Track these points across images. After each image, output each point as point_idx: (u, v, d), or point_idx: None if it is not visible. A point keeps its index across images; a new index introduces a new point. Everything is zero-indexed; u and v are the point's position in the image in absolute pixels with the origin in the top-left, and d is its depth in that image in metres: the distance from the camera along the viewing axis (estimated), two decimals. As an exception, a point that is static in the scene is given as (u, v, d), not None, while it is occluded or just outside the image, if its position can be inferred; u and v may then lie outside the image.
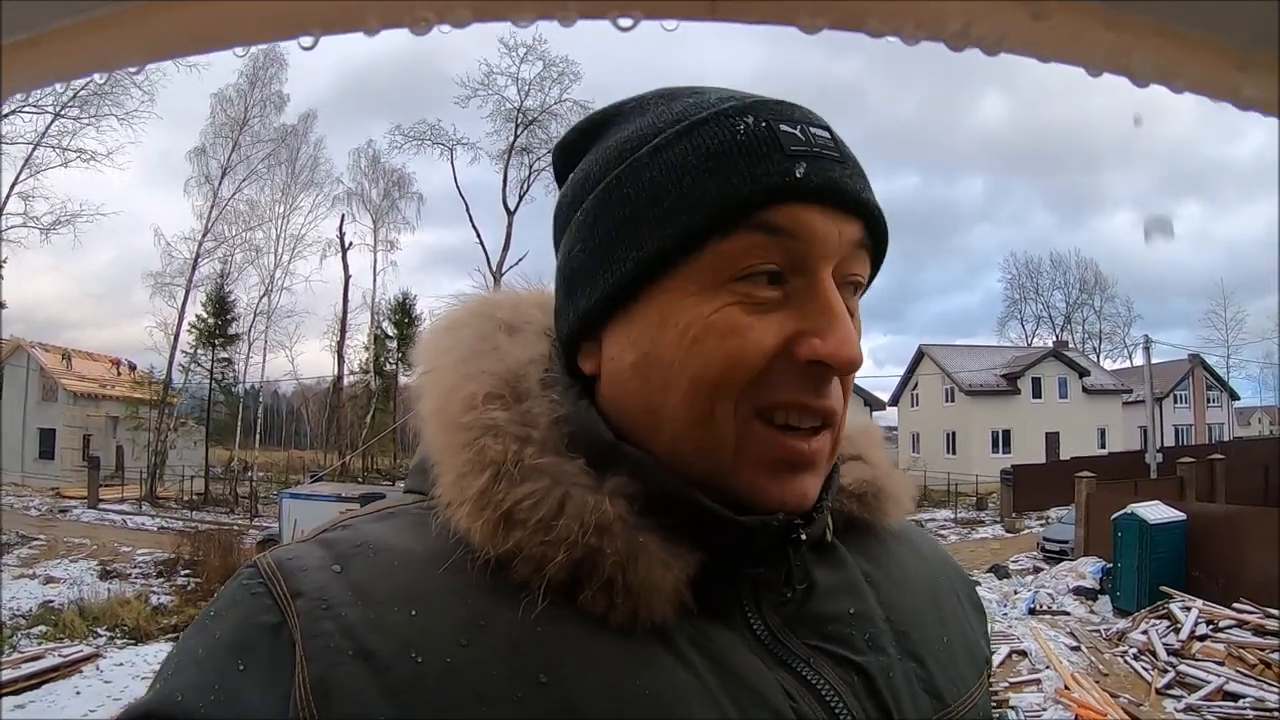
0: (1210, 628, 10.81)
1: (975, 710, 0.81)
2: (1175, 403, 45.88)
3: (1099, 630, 12.08)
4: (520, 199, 39.28)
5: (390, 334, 43.15)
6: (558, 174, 0.84)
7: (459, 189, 41.51)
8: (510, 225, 39.18)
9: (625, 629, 0.65)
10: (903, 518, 0.89)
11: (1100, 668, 10.46)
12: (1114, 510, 14.42)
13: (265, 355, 39.36)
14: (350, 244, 41.32)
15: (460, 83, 38.73)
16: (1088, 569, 15.46)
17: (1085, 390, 42.74)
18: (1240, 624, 10.75)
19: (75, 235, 34.18)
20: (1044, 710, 9.17)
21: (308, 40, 0.33)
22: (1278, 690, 9.12)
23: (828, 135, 0.71)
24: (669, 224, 0.68)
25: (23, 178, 32.42)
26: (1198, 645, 10.43)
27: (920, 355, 46.27)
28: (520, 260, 35.51)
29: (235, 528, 23.98)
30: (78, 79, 0.39)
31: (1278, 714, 8.80)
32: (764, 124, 0.69)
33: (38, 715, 10.07)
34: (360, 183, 41.92)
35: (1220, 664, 9.88)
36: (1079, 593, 14.65)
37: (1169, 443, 38.93)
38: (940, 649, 0.80)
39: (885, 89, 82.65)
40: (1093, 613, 13.75)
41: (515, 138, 39.22)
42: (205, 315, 37.68)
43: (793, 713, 0.67)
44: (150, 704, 0.62)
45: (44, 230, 33.23)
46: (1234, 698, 9.19)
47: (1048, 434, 40.58)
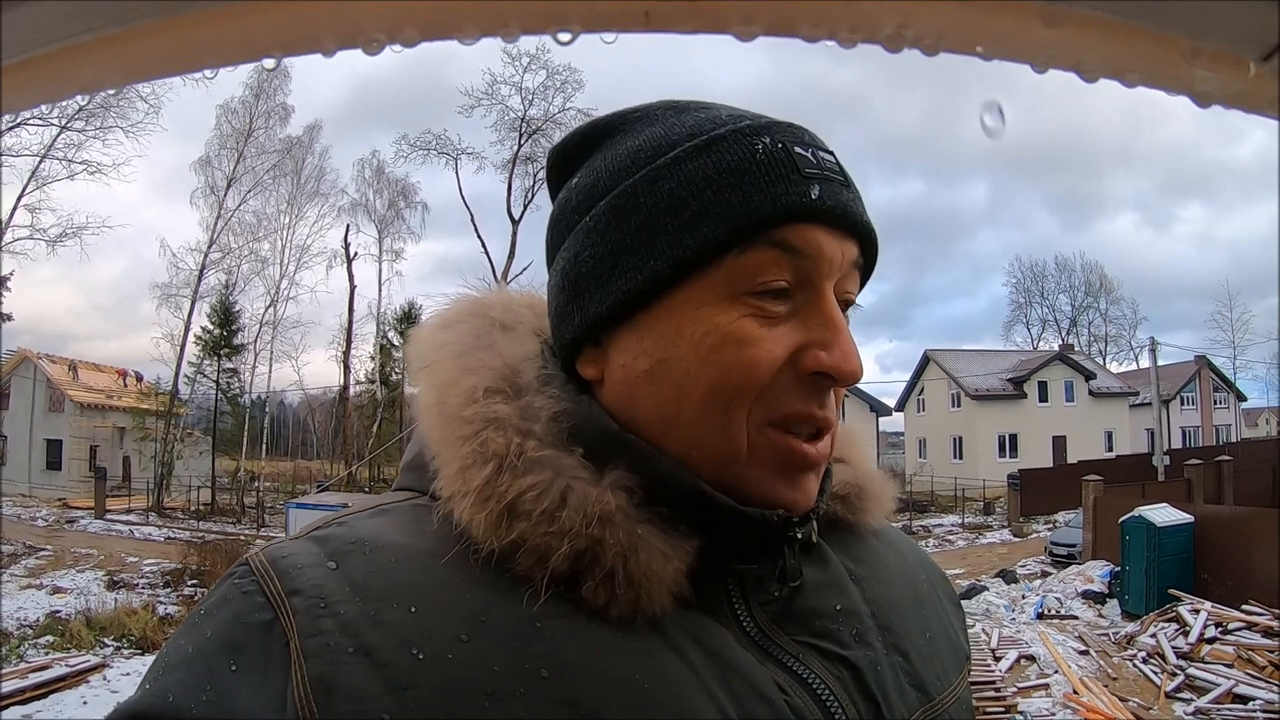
0: (1219, 630, 10.74)
1: (959, 704, 0.82)
2: (1182, 405, 45.63)
3: (1107, 634, 12.00)
4: (525, 208, 39.23)
5: (396, 344, 43.00)
6: (555, 178, 0.84)
7: (464, 198, 41.56)
8: (515, 234, 39.17)
9: (625, 620, 0.66)
10: (883, 517, 0.90)
11: (1109, 671, 10.39)
12: (1121, 513, 14.34)
13: (271, 366, 39.39)
14: (355, 254, 41.37)
15: (464, 92, 38.79)
16: (1096, 573, 15.37)
17: (1091, 393, 42.56)
18: (1249, 626, 10.67)
19: (82, 247, 34.44)
20: (1053, 715, 9.11)
21: (270, 62, 0.35)
22: (1287, 693, 9.07)
23: (833, 159, 0.74)
24: (688, 235, 0.69)
25: (29, 190, 32.56)
26: (1207, 648, 10.35)
27: (926, 360, 46.24)
28: (525, 269, 35.41)
29: (242, 538, 23.90)
30: (62, 100, 0.40)
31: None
32: (780, 145, 0.72)
33: (45, 726, 10.09)
34: (365, 193, 41.93)
35: (1230, 666, 9.80)
36: (1087, 596, 14.56)
37: (1176, 445, 38.82)
38: (924, 644, 0.82)
39: (888, 96, 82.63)
40: (1101, 616, 13.67)
41: (519, 147, 39.18)
42: (211, 326, 37.72)
43: (786, 706, 0.68)
44: (141, 703, 0.63)
45: (50, 243, 33.40)
46: (1244, 700, 9.12)
47: (1054, 438, 40.43)
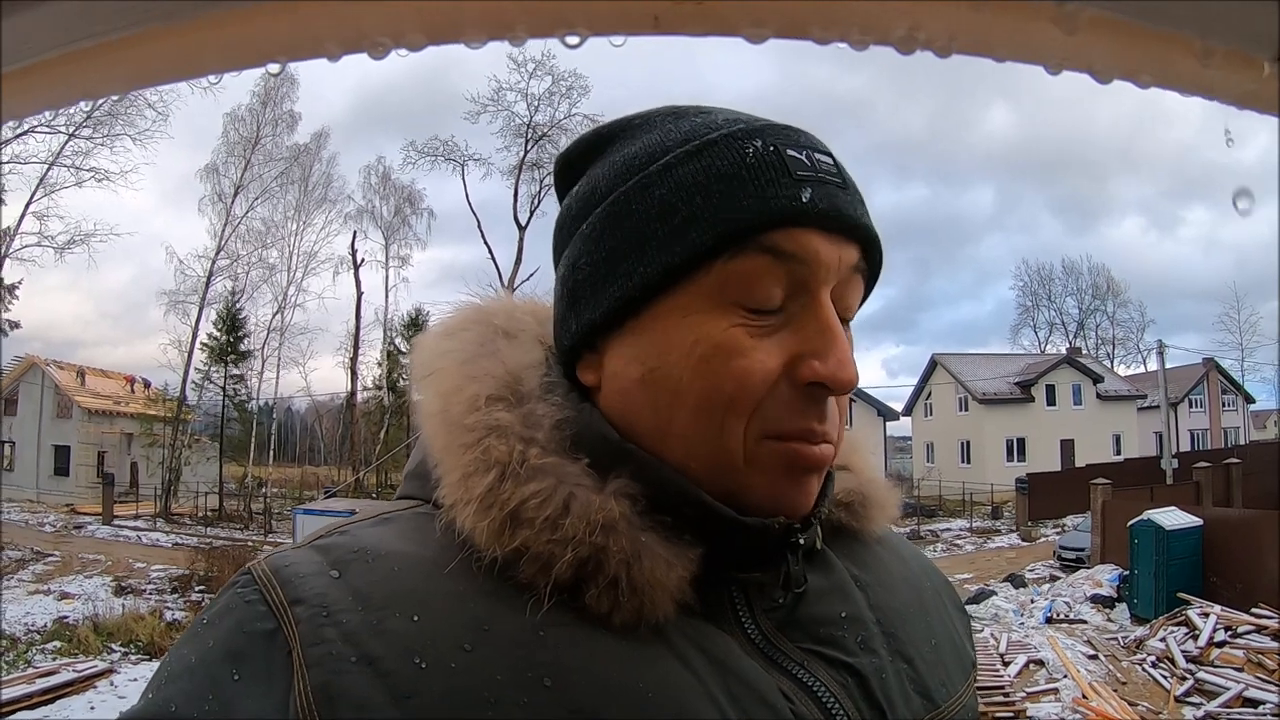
0: (1229, 634, 10.69)
1: (964, 711, 0.82)
2: (1190, 407, 45.37)
3: (1116, 638, 11.96)
4: (531, 214, 39.23)
5: (403, 350, 43.03)
6: (560, 186, 0.84)
7: (470, 204, 41.57)
8: (521, 240, 39.15)
9: (628, 629, 0.65)
10: (888, 524, 0.89)
11: (1118, 676, 10.35)
12: (1130, 517, 14.30)
13: (279, 372, 39.50)
14: (362, 261, 41.39)
15: (470, 99, 38.82)
16: (1105, 577, 15.31)
17: (1099, 396, 42.41)
18: (1259, 629, 10.62)
19: (90, 255, 34.49)
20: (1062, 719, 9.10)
21: (275, 67, 0.35)
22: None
23: (831, 161, 0.73)
24: (677, 242, 0.69)
25: (37, 197, 32.73)
26: (1216, 652, 10.31)
27: (933, 364, 46.12)
28: (532, 275, 35.40)
29: (249, 544, 23.93)
30: (65, 106, 0.40)
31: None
32: (772, 148, 0.70)
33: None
34: (371, 200, 41.98)
35: (1239, 670, 9.76)
36: (1096, 601, 14.50)
37: (1184, 448, 38.55)
38: (929, 650, 0.81)
39: (894, 101, 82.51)
40: (1110, 620, 13.61)
41: (525, 153, 39.19)
42: (218, 333, 37.84)
43: (791, 714, 0.67)
44: (144, 713, 0.63)
45: (58, 250, 33.54)
46: (1254, 704, 9.07)
47: (1062, 441, 40.30)
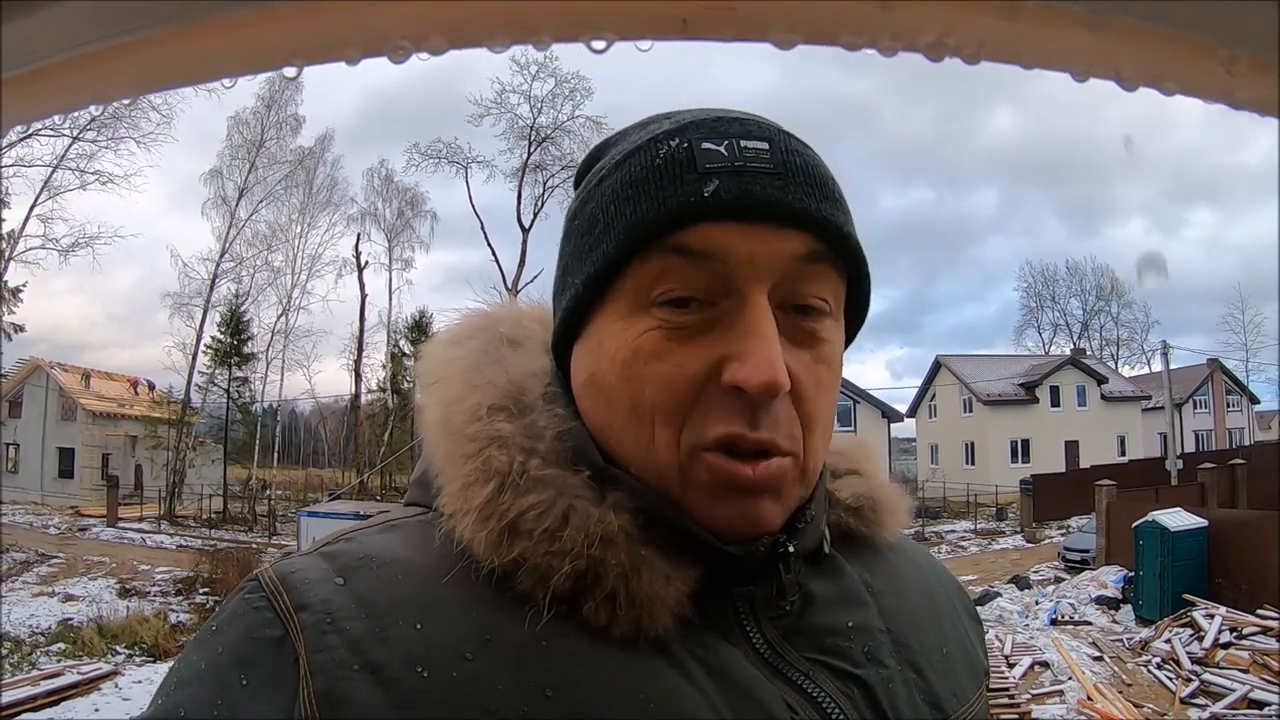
0: (1234, 635, 10.68)
1: None
2: (1195, 408, 45.35)
3: (1122, 640, 11.93)
4: (535, 216, 39.31)
5: (407, 352, 43.05)
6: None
7: (474, 207, 41.51)
8: (525, 242, 39.20)
9: (628, 641, 0.65)
10: (899, 531, 0.88)
11: (1123, 677, 10.33)
12: (1135, 518, 14.29)
13: (283, 374, 39.60)
14: (366, 263, 41.49)
15: (474, 101, 38.86)
16: (1109, 578, 15.30)
17: (1104, 398, 42.38)
18: (1264, 631, 10.60)
19: (94, 257, 34.57)
20: (1067, 721, 9.08)
21: (291, 70, 0.34)
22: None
23: (764, 147, 0.69)
24: (596, 252, 0.70)
25: (41, 200, 32.87)
26: (1221, 653, 10.30)
27: (937, 366, 46.09)
28: (535, 278, 35.44)
29: (254, 546, 24.02)
30: (74, 110, 0.39)
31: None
32: (685, 145, 0.69)
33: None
34: (374, 202, 42.08)
35: (1245, 671, 9.75)
36: (1101, 602, 14.49)
37: (1189, 449, 38.55)
38: (939, 659, 0.80)
39: (898, 106, 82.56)
40: (1115, 622, 13.60)
41: (529, 155, 39.29)
42: (221, 335, 37.91)
43: None
44: (153, 718, 0.63)
45: (63, 252, 33.69)
46: (1259, 705, 9.06)
47: (1067, 442, 40.28)
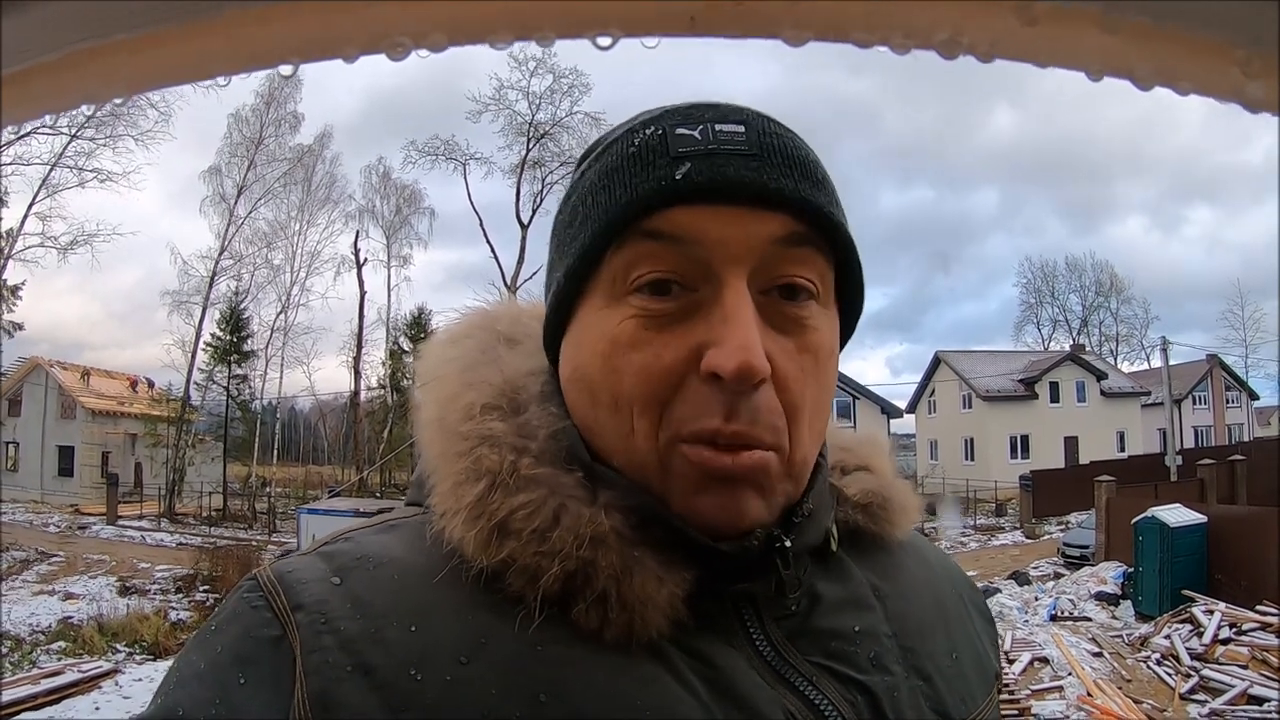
0: (1234, 631, 10.67)
1: None
2: (1194, 404, 45.43)
3: (1121, 636, 11.94)
4: (533, 213, 39.28)
5: (406, 349, 43.12)
6: None
7: (472, 204, 41.49)
8: (524, 239, 39.19)
9: (621, 645, 0.64)
10: (910, 529, 0.87)
11: (1123, 673, 10.34)
12: (1134, 514, 14.28)
13: (283, 371, 39.65)
14: (365, 260, 41.53)
15: (472, 98, 38.82)
16: (1109, 574, 15.29)
17: (1103, 393, 42.43)
18: (1264, 627, 10.60)
19: (94, 255, 34.51)
20: (1067, 717, 9.08)
21: (287, 69, 0.33)
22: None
23: (739, 129, 0.68)
24: (575, 244, 0.71)
25: (40, 198, 32.83)
26: (1221, 649, 10.29)
27: (937, 362, 46.12)
28: (534, 274, 35.45)
29: (253, 543, 24.01)
30: (66, 111, 0.38)
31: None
32: (660, 131, 0.69)
33: (58, 731, 10.14)
34: (371, 199, 42.13)
35: (1244, 668, 9.74)
36: (1100, 598, 14.49)
37: (1188, 444, 38.61)
38: (949, 665, 0.78)
39: (899, 106, 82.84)
40: (1114, 618, 13.60)
41: (527, 152, 39.27)
42: (221, 333, 37.94)
43: None
44: (152, 717, 0.63)
45: (61, 250, 33.65)
46: (1259, 701, 9.06)
47: (1066, 438, 40.32)
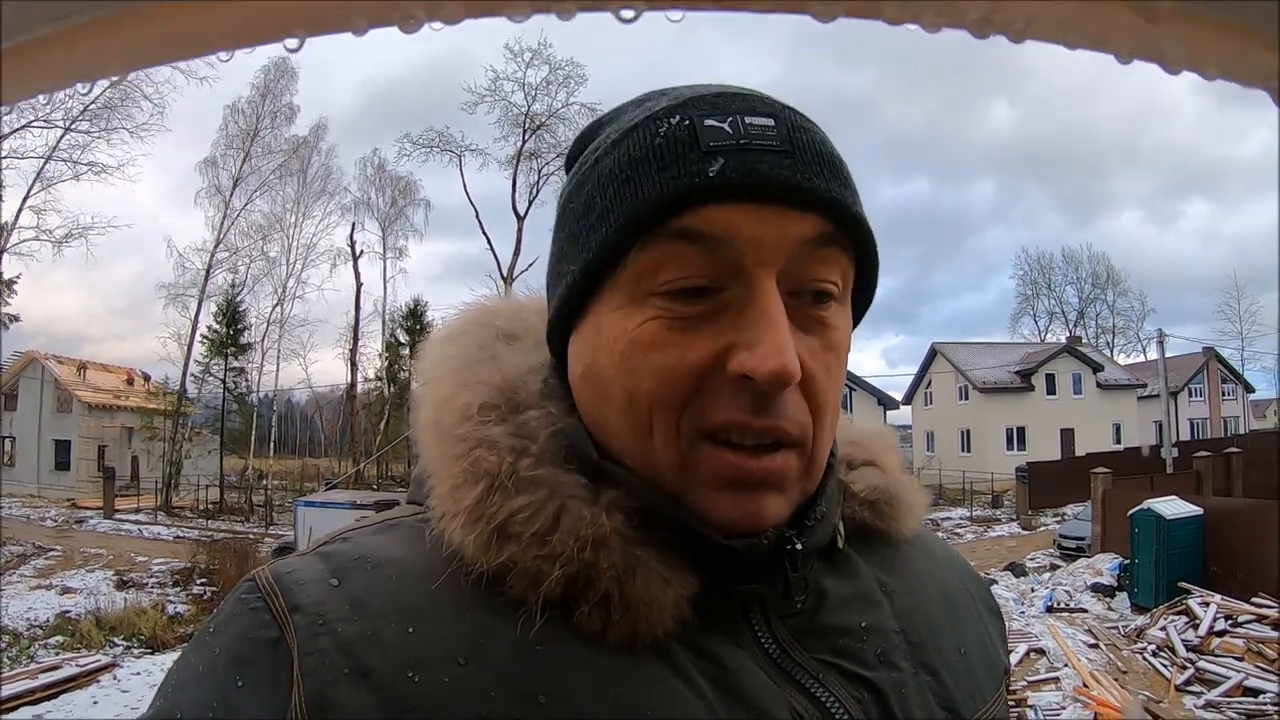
0: (1229, 623, 10.71)
1: None
2: (1190, 396, 45.50)
3: (1117, 627, 11.98)
4: (530, 204, 39.29)
5: (403, 341, 43.15)
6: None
7: (468, 195, 41.57)
8: (520, 230, 39.20)
9: (625, 646, 0.63)
10: (917, 525, 0.85)
11: (1119, 665, 10.37)
12: (1131, 506, 14.29)
13: (279, 364, 39.72)
14: (361, 252, 41.51)
15: (468, 90, 38.75)
16: (1105, 566, 15.35)
17: (1100, 386, 42.57)
18: (1259, 619, 10.64)
19: (88, 248, 34.54)
20: (1063, 709, 9.10)
21: (293, 42, 0.32)
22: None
23: (770, 124, 0.66)
24: (594, 238, 0.67)
25: (34, 192, 32.70)
26: (1216, 641, 10.32)
27: (933, 353, 46.23)
28: (531, 265, 35.48)
29: (251, 536, 24.08)
30: (60, 90, 0.35)
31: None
32: (687, 122, 0.65)
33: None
34: (367, 191, 42.09)
35: (1240, 659, 9.78)
36: (1097, 590, 14.54)
37: (1184, 437, 38.64)
38: (957, 661, 0.78)
39: (897, 98, 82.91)
40: (1111, 610, 13.64)
41: (523, 143, 39.23)
42: (217, 325, 37.91)
43: None
44: (152, 719, 0.63)
45: (56, 244, 33.60)
46: (1254, 693, 9.09)
47: (1062, 430, 40.45)
